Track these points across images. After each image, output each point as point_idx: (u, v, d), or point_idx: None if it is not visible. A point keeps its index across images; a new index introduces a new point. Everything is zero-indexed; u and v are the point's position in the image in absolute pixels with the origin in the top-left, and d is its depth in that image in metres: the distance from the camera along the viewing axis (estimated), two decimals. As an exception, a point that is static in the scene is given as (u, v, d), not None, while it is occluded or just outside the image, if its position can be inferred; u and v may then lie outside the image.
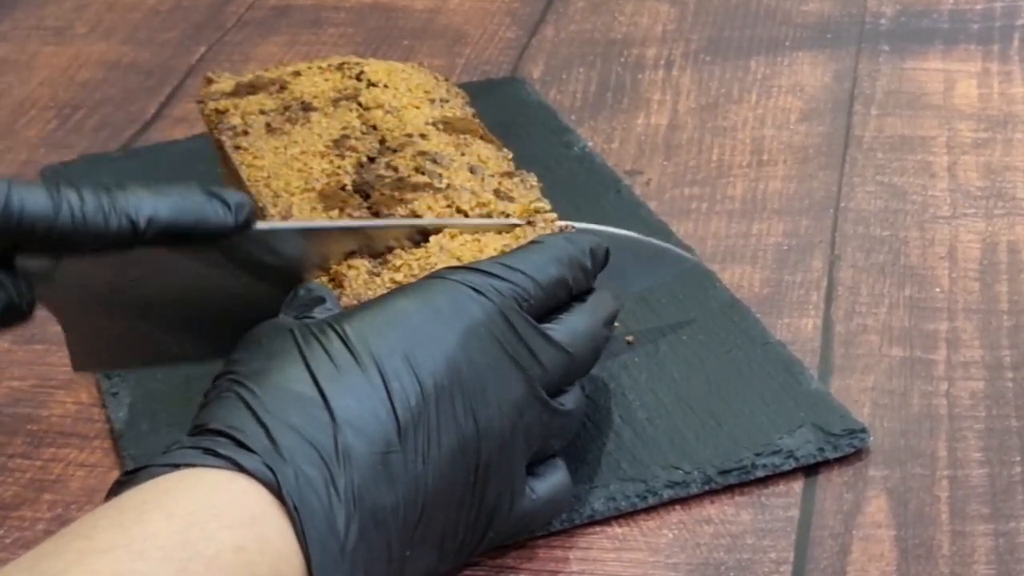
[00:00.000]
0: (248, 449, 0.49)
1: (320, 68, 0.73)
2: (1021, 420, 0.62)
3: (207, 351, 0.59)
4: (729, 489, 0.60)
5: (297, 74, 0.72)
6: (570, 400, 0.57)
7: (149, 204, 0.54)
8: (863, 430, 0.61)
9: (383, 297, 0.56)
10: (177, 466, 0.49)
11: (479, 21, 1.00)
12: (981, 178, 0.79)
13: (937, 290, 0.71)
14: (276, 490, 0.48)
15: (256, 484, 0.48)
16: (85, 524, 0.47)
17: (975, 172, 0.80)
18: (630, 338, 0.67)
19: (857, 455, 0.61)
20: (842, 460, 0.60)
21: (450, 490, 0.52)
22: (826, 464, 0.60)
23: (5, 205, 0.52)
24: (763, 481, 0.60)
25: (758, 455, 0.60)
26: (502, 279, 0.56)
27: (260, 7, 1.03)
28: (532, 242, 0.60)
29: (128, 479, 0.49)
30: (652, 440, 0.61)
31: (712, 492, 0.59)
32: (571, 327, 0.57)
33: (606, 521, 0.58)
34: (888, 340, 0.68)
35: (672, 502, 0.59)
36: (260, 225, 0.58)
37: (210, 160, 0.73)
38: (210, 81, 0.74)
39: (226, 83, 0.73)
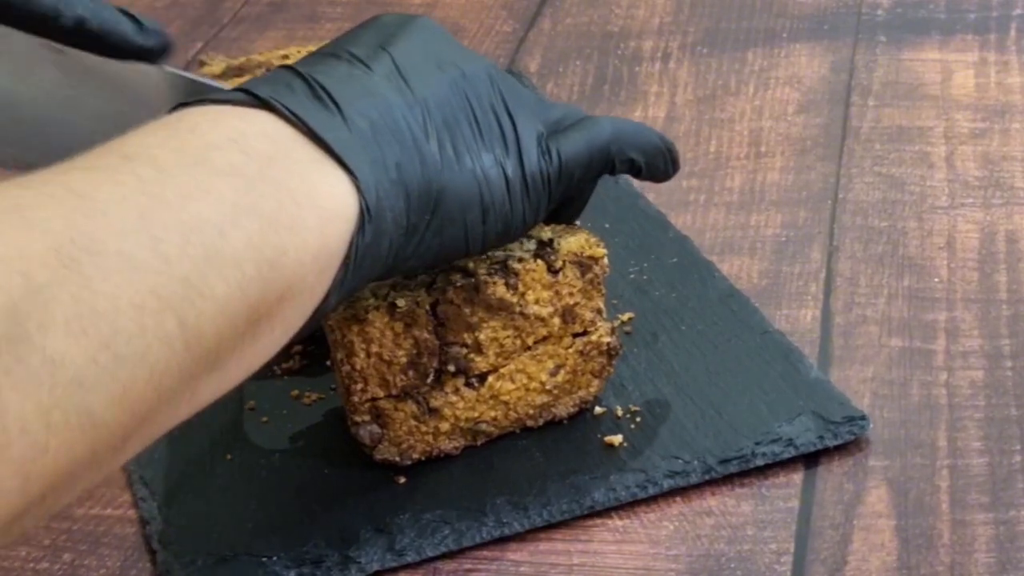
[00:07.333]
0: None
1: (310, 52, 0.74)
2: (1020, 409, 0.62)
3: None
4: (729, 480, 0.59)
5: (285, 57, 0.74)
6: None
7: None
8: (863, 417, 0.61)
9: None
10: None
11: (475, 15, 1.00)
12: (979, 168, 0.79)
13: (936, 280, 0.71)
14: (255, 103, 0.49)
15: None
16: None
17: (973, 162, 0.79)
18: (628, 328, 0.67)
19: (857, 445, 0.61)
20: (842, 450, 0.60)
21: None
22: (826, 454, 0.60)
23: None
24: (763, 472, 0.60)
25: (758, 444, 0.60)
26: None
27: (256, 3, 1.03)
28: None
29: None
30: (652, 430, 0.61)
31: (712, 483, 0.59)
32: None
33: (607, 513, 0.58)
34: (887, 330, 0.68)
35: (672, 493, 0.59)
36: (171, 69, 0.58)
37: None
38: (203, 64, 0.76)
39: (217, 66, 0.75)
